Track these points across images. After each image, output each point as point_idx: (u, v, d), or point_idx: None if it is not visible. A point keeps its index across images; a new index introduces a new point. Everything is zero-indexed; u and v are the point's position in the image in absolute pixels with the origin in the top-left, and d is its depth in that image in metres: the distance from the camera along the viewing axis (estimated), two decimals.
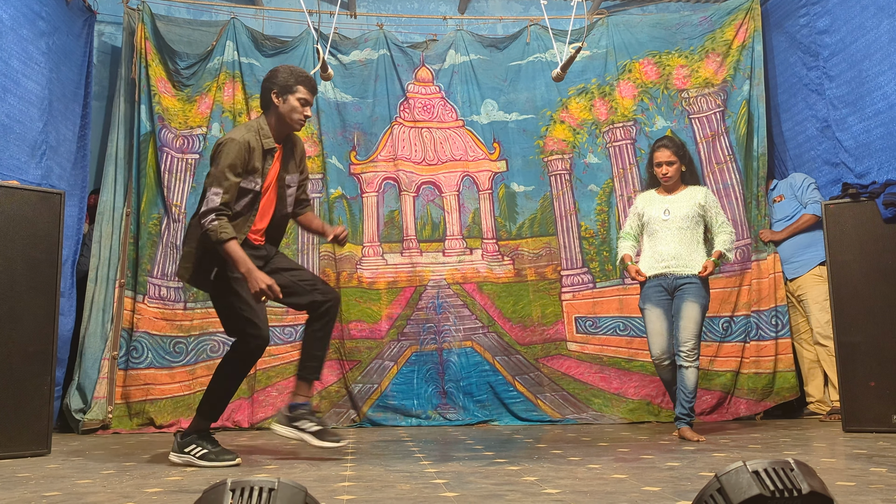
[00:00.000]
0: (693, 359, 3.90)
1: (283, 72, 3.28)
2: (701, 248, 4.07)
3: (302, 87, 3.26)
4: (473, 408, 5.03)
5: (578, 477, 2.61)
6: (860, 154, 4.49)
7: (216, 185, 3.07)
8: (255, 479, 1.33)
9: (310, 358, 3.35)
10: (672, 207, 4.09)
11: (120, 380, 4.81)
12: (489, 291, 5.29)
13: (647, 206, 4.19)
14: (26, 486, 2.61)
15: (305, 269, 3.54)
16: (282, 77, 3.26)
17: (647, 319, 4.10)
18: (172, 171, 5.15)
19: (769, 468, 1.30)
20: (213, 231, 3.02)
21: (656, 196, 4.19)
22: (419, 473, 2.76)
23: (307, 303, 3.34)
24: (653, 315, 4.06)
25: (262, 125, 3.26)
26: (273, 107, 3.27)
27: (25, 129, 4.12)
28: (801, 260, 4.97)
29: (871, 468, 2.71)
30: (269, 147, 3.23)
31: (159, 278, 5.03)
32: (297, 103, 3.24)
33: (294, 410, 3.30)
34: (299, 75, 3.28)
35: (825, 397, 4.86)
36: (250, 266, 3.02)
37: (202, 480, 2.68)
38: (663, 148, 4.13)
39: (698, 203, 4.07)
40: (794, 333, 5.06)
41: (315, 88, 3.35)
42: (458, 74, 5.52)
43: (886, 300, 4.01)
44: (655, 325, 4.05)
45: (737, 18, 5.41)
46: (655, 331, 4.05)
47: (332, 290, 3.42)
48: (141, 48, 5.17)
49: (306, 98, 3.27)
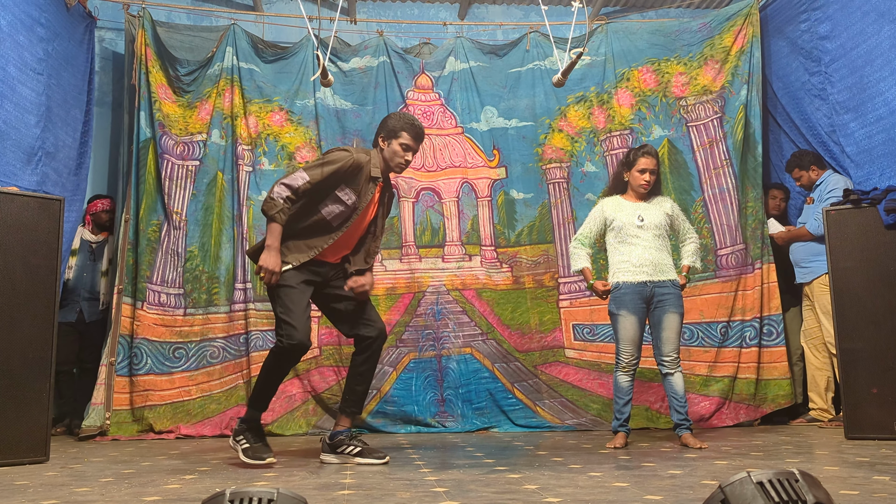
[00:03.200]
0: (677, 365, 3.90)
1: (393, 118, 3.55)
2: (670, 255, 4.07)
3: (405, 134, 3.49)
4: (472, 415, 5.01)
5: (580, 485, 2.59)
6: (862, 160, 4.49)
7: (307, 172, 3.32)
8: (255, 489, 1.32)
9: (350, 392, 3.55)
10: (645, 214, 4.03)
11: (119, 386, 4.80)
12: (488, 298, 5.27)
13: (617, 212, 4.07)
14: (24, 493, 2.59)
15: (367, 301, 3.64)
16: (391, 122, 3.52)
17: (620, 325, 3.95)
18: (173, 177, 5.15)
19: (774, 479, 1.29)
20: (273, 202, 3.26)
21: (625, 202, 4.11)
22: (419, 481, 2.74)
23: (353, 334, 3.56)
24: (627, 322, 3.95)
25: (374, 156, 3.52)
26: (379, 148, 3.53)
27: (21, 136, 4.10)
28: (809, 267, 4.93)
29: (874, 476, 2.69)
30: (374, 175, 3.47)
31: (159, 285, 5.01)
32: (398, 148, 3.48)
33: (334, 438, 3.49)
34: (406, 123, 3.51)
35: (829, 405, 4.85)
36: (275, 246, 3.26)
37: (201, 489, 2.66)
38: (650, 156, 4.08)
39: (666, 213, 4.07)
40: (805, 337, 5.03)
41: (421, 137, 3.56)
42: (458, 81, 5.52)
43: (888, 306, 4.00)
44: (629, 333, 3.94)
45: (736, 24, 5.41)
46: (628, 338, 3.94)
47: (381, 328, 3.57)
48: (141, 54, 5.17)
49: (408, 144, 3.49)
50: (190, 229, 5.13)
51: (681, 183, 5.35)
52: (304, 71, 5.40)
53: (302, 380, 5.03)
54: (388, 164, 3.52)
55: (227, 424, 4.82)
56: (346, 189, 3.38)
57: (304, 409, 4.97)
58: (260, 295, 5.10)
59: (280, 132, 5.35)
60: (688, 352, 5.05)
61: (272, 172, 5.28)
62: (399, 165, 3.52)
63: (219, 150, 5.26)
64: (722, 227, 5.23)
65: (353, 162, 3.38)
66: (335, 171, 3.34)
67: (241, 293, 5.11)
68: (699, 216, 5.24)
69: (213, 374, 4.97)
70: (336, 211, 3.39)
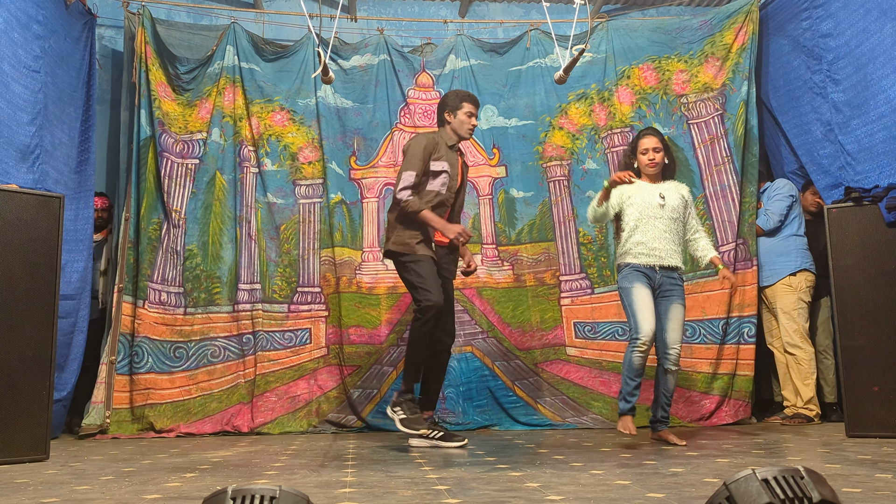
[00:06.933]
0: (678, 362, 3.89)
1: (450, 95, 4.09)
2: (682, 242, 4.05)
3: (465, 104, 4.03)
4: (473, 413, 5.01)
5: (581, 483, 2.59)
6: (863, 158, 4.48)
7: (407, 170, 3.86)
8: (257, 486, 1.31)
9: (426, 391, 4.04)
10: (666, 194, 3.97)
11: (120, 384, 4.79)
12: (489, 297, 5.27)
13: (636, 191, 3.95)
14: (24, 492, 2.58)
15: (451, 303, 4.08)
16: (450, 99, 4.07)
17: (634, 297, 3.81)
18: (172, 176, 5.13)
19: (779, 476, 1.28)
20: (408, 203, 3.83)
21: (643, 183, 4.02)
22: (421, 479, 2.73)
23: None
24: (642, 293, 3.81)
25: (443, 133, 4.05)
26: (446, 123, 4.05)
27: (13, 133, 4.07)
28: (773, 269, 5.07)
29: (877, 474, 2.69)
30: (450, 143, 4.01)
31: (159, 283, 5.01)
32: (464, 117, 4.01)
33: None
34: (463, 94, 4.08)
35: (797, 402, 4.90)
36: (443, 223, 3.83)
37: (202, 487, 2.66)
38: (650, 135, 4.07)
39: (683, 196, 4.04)
40: (770, 339, 5.14)
41: (477, 103, 4.11)
42: (459, 79, 5.51)
43: (889, 304, 3.99)
44: (646, 301, 3.79)
45: (736, 22, 5.40)
46: (645, 306, 3.78)
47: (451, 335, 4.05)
48: (141, 52, 5.16)
49: (471, 111, 4.03)
50: (189, 228, 5.12)
51: (682, 180, 5.32)
52: (304, 69, 5.39)
53: (308, 380, 5.03)
54: (457, 133, 4.02)
55: (227, 422, 4.82)
56: (436, 161, 3.91)
57: (308, 410, 4.96)
58: (269, 296, 5.10)
59: (282, 132, 5.33)
60: (690, 349, 5.04)
61: (275, 173, 5.27)
62: (468, 130, 4.02)
63: (218, 148, 5.25)
64: (723, 223, 5.22)
65: (429, 139, 3.93)
66: (423, 150, 3.87)
67: (245, 293, 5.10)
68: (700, 213, 5.23)
69: (213, 373, 4.96)
70: (441, 181, 3.91)
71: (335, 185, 5.30)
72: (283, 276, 5.17)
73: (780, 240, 5.07)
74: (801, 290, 4.94)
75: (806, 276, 4.96)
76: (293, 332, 5.07)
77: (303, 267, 5.20)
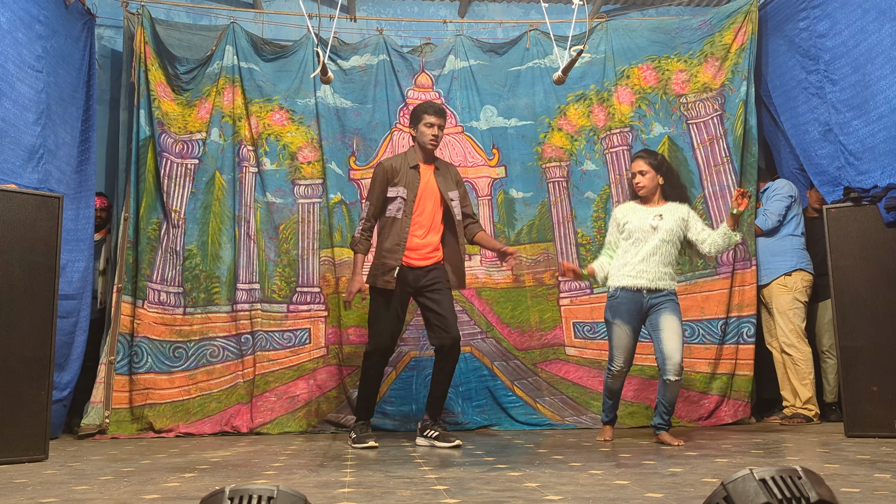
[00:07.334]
0: (681, 371, 3.86)
1: (415, 108, 4.11)
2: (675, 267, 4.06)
3: (425, 115, 4.02)
4: (472, 413, 5.01)
5: (580, 483, 2.59)
6: (864, 158, 4.48)
7: (367, 200, 4.05)
8: (255, 486, 1.31)
9: (433, 398, 4.11)
10: (665, 215, 4.01)
11: (119, 384, 4.79)
12: (488, 297, 5.27)
13: (629, 215, 4.07)
14: (23, 492, 2.58)
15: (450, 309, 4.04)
16: (413, 112, 4.10)
17: (614, 334, 4.00)
18: (172, 176, 5.13)
19: (776, 476, 1.28)
20: (354, 238, 4.07)
21: (638, 206, 4.11)
22: (420, 479, 2.73)
23: (432, 341, 4.05)
24: (621, 332, 3.97)
25: (411, 151, 4.11)
26: (413, 138, 4.10)
27: (20, 133, 4.08)
28: (768, 268, 5.09)
29: (875, 474, 2.69)
30: (414, 163, 4.03)
31: (159, 283, 5.00)
32: (424, 128, 4.02)
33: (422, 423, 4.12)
34: (423, 105, 4.08)
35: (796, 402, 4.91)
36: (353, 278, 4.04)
37: (201, 487, 2.66)
38: (637, 159, 4.12)
39: (681, 217, 4.03)
40: (769, 339, 5.15)
41: (442, 113, 4.07)
42: (458, 80, 5.51)
43: (889, 304, 3.99)
44: (623, 342, 3.98)
45: (736, 22, 5.40)
46: (622, 346, 3.98)
47: (451, 335, 3.95)
48: (140, 52, 5.16)
49: (430, 121, 4.01)
50: (189, 228, 5.11)
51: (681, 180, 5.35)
52: (304, 69, 5.38)
53: (307, 380, 5.02)
54: (421, 146, 4.04)
55: (226, 422, 4.82)
56: (393, 188, 3.98)
57: (307, 410, 4.95)
58: (268, 296, 5.10)
59: (282, 132, 5.33)
60: (689, 349, 5.04)
61: (274, 172, 5.27)
62: (429, 142, 4.00)
63: (217, 148, 5.24)
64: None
65: (386, 167, 4.01)
66: (377, 181, 3.99)
67: (244, 293, 5.09)
68: (700, 213, 5.23)
69: (213, 373, 4.96)
70: (396, 206, 3.96)
71: (334, 185, 5.30)
72: (283, 276, 5.17)
73: (777, 240, 5.08)
74: (797, 290, 4.95)
75: (802, 276, 4.97)
76: (292, 332, 5.07)
77: (302, 267, 5.19)
